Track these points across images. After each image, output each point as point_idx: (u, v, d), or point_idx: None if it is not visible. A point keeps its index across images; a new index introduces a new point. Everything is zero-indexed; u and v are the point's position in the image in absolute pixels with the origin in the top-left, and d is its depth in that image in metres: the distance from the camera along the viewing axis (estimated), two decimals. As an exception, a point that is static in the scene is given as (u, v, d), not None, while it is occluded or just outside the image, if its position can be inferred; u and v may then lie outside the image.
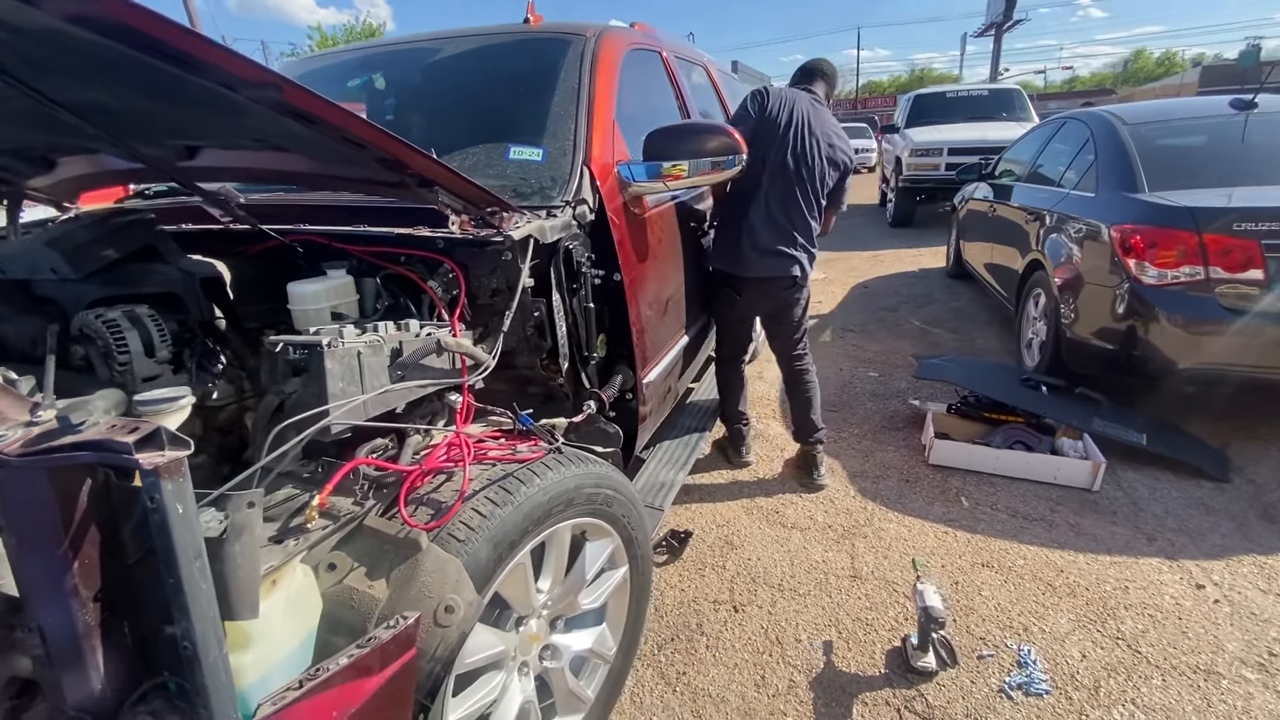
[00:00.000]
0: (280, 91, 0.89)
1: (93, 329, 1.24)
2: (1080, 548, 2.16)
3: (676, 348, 2.16)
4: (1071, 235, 3.14)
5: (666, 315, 2.08)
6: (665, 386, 2.10)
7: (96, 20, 0.74)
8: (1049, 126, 4.32)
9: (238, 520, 0.82)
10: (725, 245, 2.38)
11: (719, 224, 2.45)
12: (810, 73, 2.48)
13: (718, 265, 2.42)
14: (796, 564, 2.14)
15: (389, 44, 2.27)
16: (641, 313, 1.80)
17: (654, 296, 1.94)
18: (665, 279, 2.07)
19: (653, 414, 2.01)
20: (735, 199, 2.34)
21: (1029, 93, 9.74)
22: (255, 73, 0.86)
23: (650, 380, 1.88)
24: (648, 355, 1.87)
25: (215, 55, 0.81)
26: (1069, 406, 2.83)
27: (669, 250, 2.12)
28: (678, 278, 2.21)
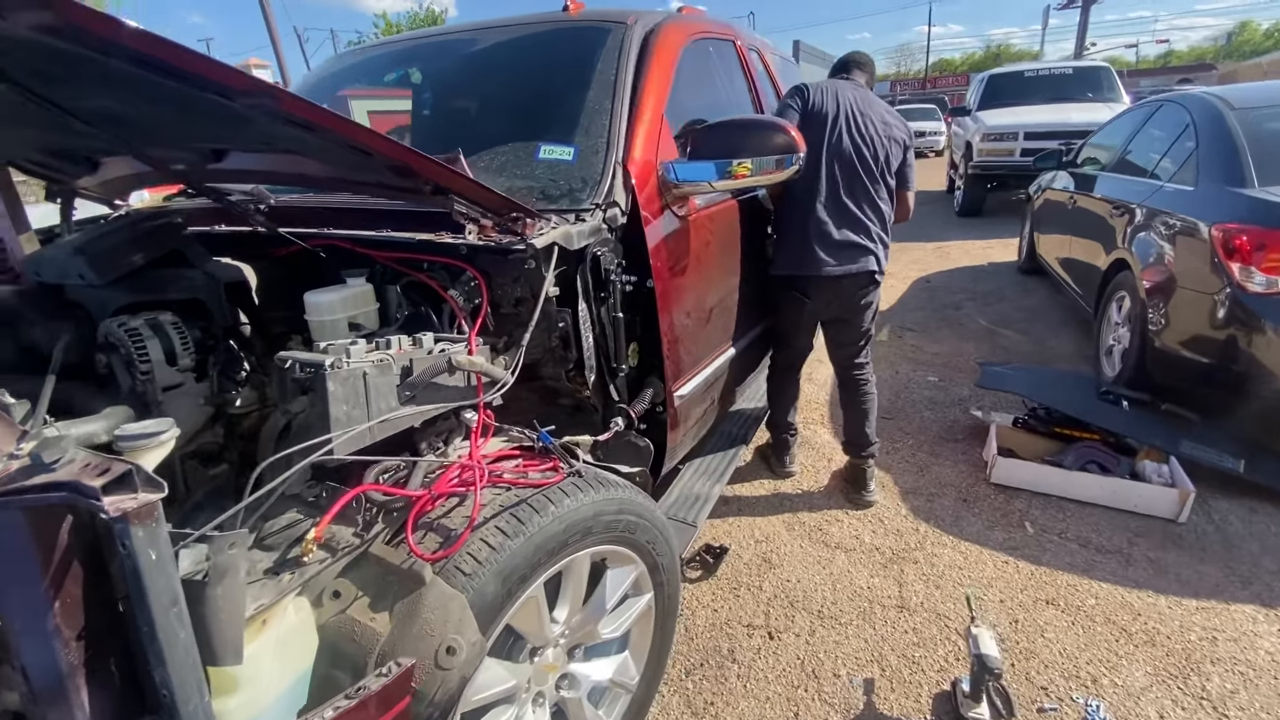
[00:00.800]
0: (275, 101, 0.83)
1: (115, 337, 1.23)
2: (1161, 588, 1.95)
3: (720, 360, 2.02)
4: (1164, 233, 2.83)
5: (709, 325, 1.95)
6: (704, 402, 1.97)
7: (65, 29, 0.69)
8: (1142, 110, 3.93)
9: (220, 563, 0.78)
10: (790, 245, 2.21)
11: (780, 226, 2.28)
12: (845, 64, 2.41)
13: (782, 269, 2.24)
14: (839, 589, 2.01)
15: (428, 35, 2.21)
16: (675, 322, 1.69)
17: (693, 305, 1.82)
18: (709, 286, 1.93)
19: (687, 433, 1.89)
20: (795, 197, 2.19)
21: (1118, 69, 8.98)
22: (247, 83, 0.80)
23: (684, 394, 1.77)
24: (681, 368, 1.76)
25: (201, 66, 0.76)
26: (1153, 425, 2.56)
27: (717, 255, 1.98)
28: (726, 285, 2.07)
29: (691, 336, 1.83)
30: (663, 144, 1.72)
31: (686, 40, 2.00)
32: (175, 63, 0.74)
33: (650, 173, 1.63)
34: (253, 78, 0.79)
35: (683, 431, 1.85)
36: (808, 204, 2.16)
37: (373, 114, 3.48)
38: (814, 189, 2.14)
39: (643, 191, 1.58)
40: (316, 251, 1.44)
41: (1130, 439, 2.53)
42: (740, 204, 2.11)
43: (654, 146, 1.67)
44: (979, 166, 7.58)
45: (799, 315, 2.31)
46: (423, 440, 1.22)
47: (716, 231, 1.96)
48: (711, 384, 1.97)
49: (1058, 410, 2.69)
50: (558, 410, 1.70)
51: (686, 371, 1.81)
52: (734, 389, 2.36)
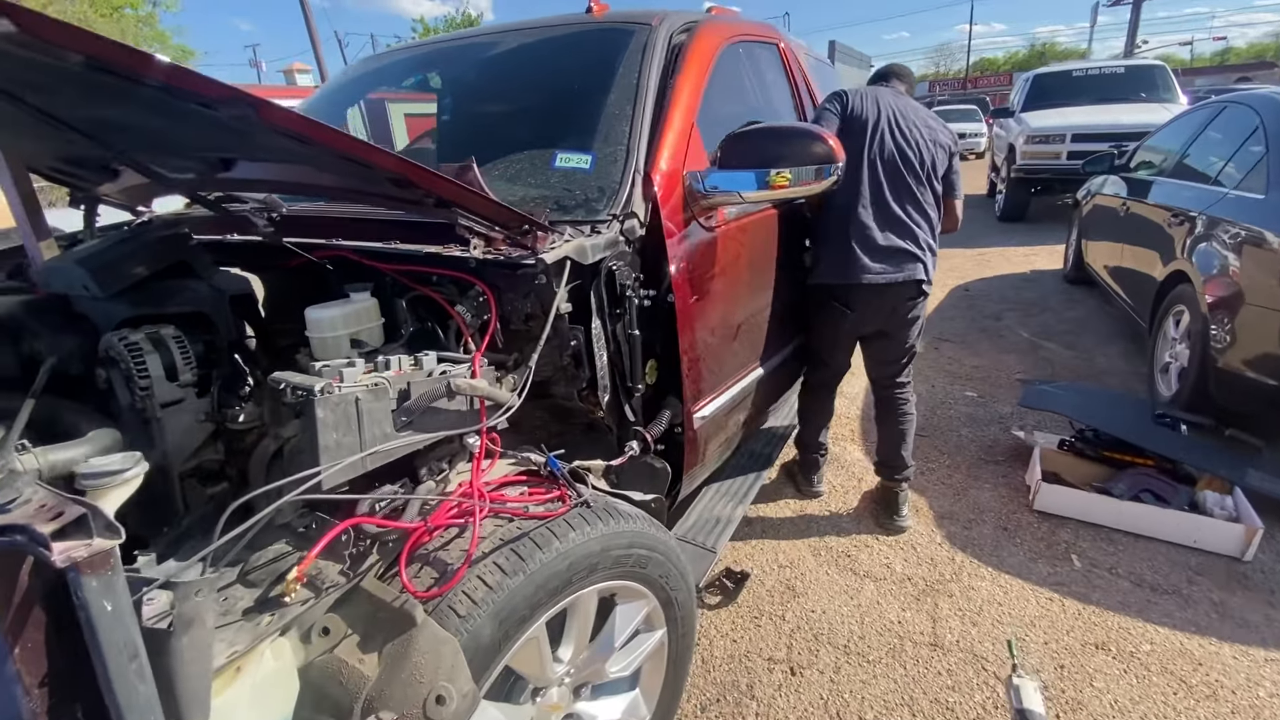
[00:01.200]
0: (256, 111, 0.78)
1: (115, 351, 1.20)
2: (1226, 635, 1.78)
3: (747, 380, 1.91)
4: (1229, 243, 2.63)
5: (736, 343, 1.84)
6: (728, 425, 1.86)
7: (29, 42, 0.65)
8: (1203, 111, 3.69)
9: (185, 612, 0.72)
10: (831, 253, 2.08)
11: (819, 232, 2.15)
12: (885, 74, 2.34)
13: (823, 279, 2.11)
14: (867, 622, 1.89)
15: (449, 40, 2.16)
16: (697, 340, 1.60)
17: (719, 322, 1.72)
18: (737, 302, 1.82)
19: (708, 457, 1.79)
20: (836, 204, 2.07)
21: (1175, 67, 8.56)
22: (224, 92, 0.74)
23: (706, 415, 1.67)
24: (703, 388, 1.66)
25: (172, 75, 0.70)
26: (1216, 452, 2.37)
27: (748, 270, 1.87)
28: (757, 301, 1.95)
29: (715, 355, 1.73)
30: (693, 152, 1.63)
31: (723, 43, 1.90)
32: (143, 71, 0.69)
33: (676, 182, 1.54)
34: (229, 87, 0.73)
35: (703, 455, 1.75)
36: (849, 208, 2.04)
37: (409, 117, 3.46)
38: (856, 192, 2.03)
39: (667, 202, 1.50)
40: (323, 263, 1.39)
41: (1190, 466, 2.34)
42: (779, 215, 1.99)
43: (682, 155, 1.58)
44: (1022, 170, 7.29)
45: (838, 329, 2.17)
46: (423, 465, 1.16)
47: (748, 244, 1.85)
48: (736, 405, 1.86)
49: (1107, 433, 2.52)
50: (572, 429, 1.63)
51: (709, 392, 1.71)
52: (763, 411, 2.24)
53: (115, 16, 12.71)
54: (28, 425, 1.08)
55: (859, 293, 2.07)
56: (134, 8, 13.84)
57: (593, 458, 1.59)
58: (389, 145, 2.71)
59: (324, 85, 2.40)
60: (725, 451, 1.97)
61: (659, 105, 1.62)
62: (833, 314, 2.14)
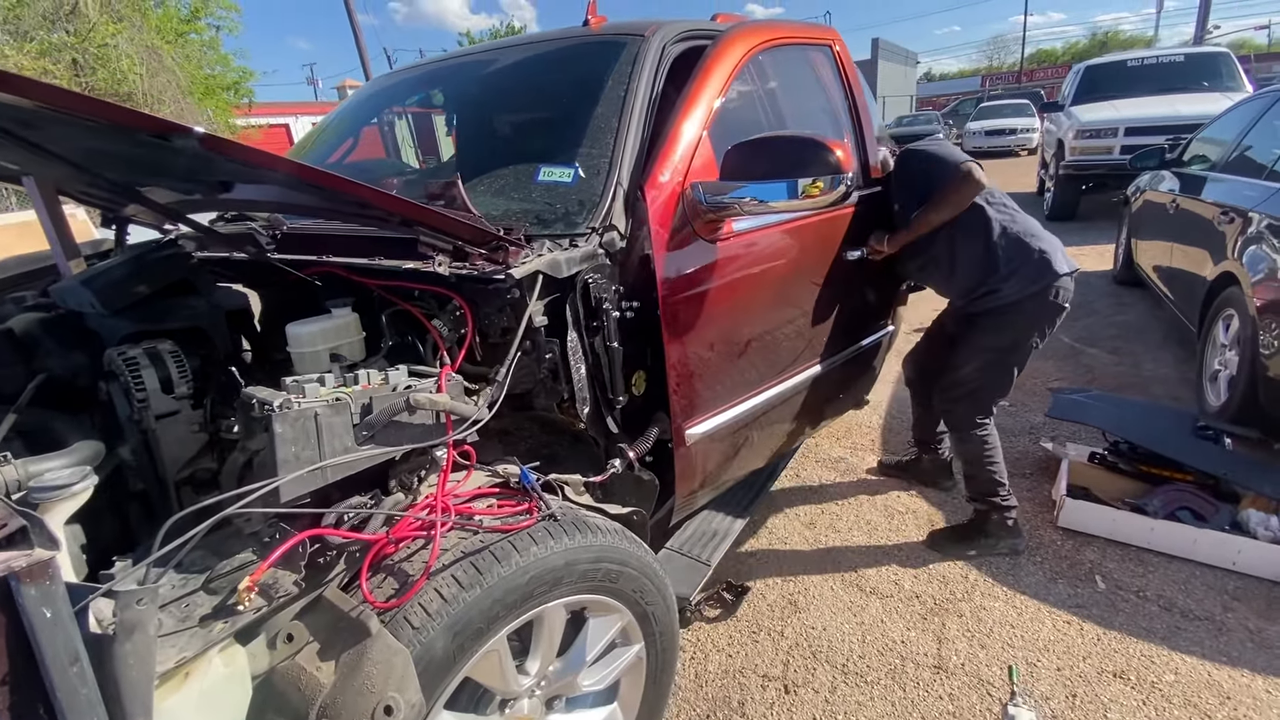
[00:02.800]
0: (200, 142, 0.81)
1: (115, 365, 1.27)
2: (1260, 666, 1.65)
3: (758, 399, 1.83)
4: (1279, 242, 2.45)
5: (743, 360, 1.77)
6: (730, 446, 1.80)
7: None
8: (1259, 101, 3.45)
9: (128, 619, 0.76)
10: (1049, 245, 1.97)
11: (1000, 245, 1.97)
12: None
13: (1060, 268, 1.94)
14: (869, 641, 1.83)
15: (453, 57, 2.21)
16: (689, 355, 1.57)
17: (718, 337, 1.66)
18: (744, 318, 1.75)
19: (705, 479, 1.74)
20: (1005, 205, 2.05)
21: (1249, 53, 8.05)
22: (165, 126, 0.78)
23: (700, 433, 1.64)
24: (696, 404, 1.63)
25: (111, 114, 0.75)
26: (1261, 468, 2.21)
27: (762, 284, 1.79)
28: (773, 317, 1.86)
29: (714, 371, 1.68)
30: (704, 165, 1.60)
31: (751, 51, 1.83)
32: (81, 110, 0.73)
33: (674, 196, 1.52)
34: (169, 121, 0.77)
35: (700, 474, 1.71)
36: (1011, 218, 2.01)
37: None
38: (1003, 202, 2.05)
39: (659, 216, 1.47)
40: (311, 279, 1.45)
41: (1232, 483, 2.19)
42: (809, 228, 1.89)
43: (684, 168, 1.55)
44: (1072, 166, 6.96)
45: (1044, 337, 2.03)
46: (394, 477, 1.18)
47: (762, 259, 1.77)
48: (745, 425, 1.80)
49: (1143, 446, 2.37)
50: (560, 441, 1.64)
51: (704, 409, 1.67)
52: (791, 434, 2.14)
53: (180, 42, 13.48)
54: (23, 435, 1.16)
55: (1068, 285, 1.97)
56: (199, 33, 14.64)
57: (579, 469, 1.60)
58: (437, 156, 2.77)
59: (338, 107, 2.49)
60: (730, 474, 1.92)
61: (653, 118, 1.60)
62: (1046, 319, 1.99)
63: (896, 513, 2.42)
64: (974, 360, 2.06)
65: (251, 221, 1.68)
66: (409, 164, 2.68)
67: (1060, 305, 1.97)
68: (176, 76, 12.56)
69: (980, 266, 2.00)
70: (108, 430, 1.31)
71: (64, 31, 11.35)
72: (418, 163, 2.75)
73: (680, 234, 1.53)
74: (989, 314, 2.02)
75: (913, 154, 2.13)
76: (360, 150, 2.25)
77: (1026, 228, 1.99)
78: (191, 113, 13.06)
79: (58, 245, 1.67)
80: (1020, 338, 2.01)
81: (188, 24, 14.09)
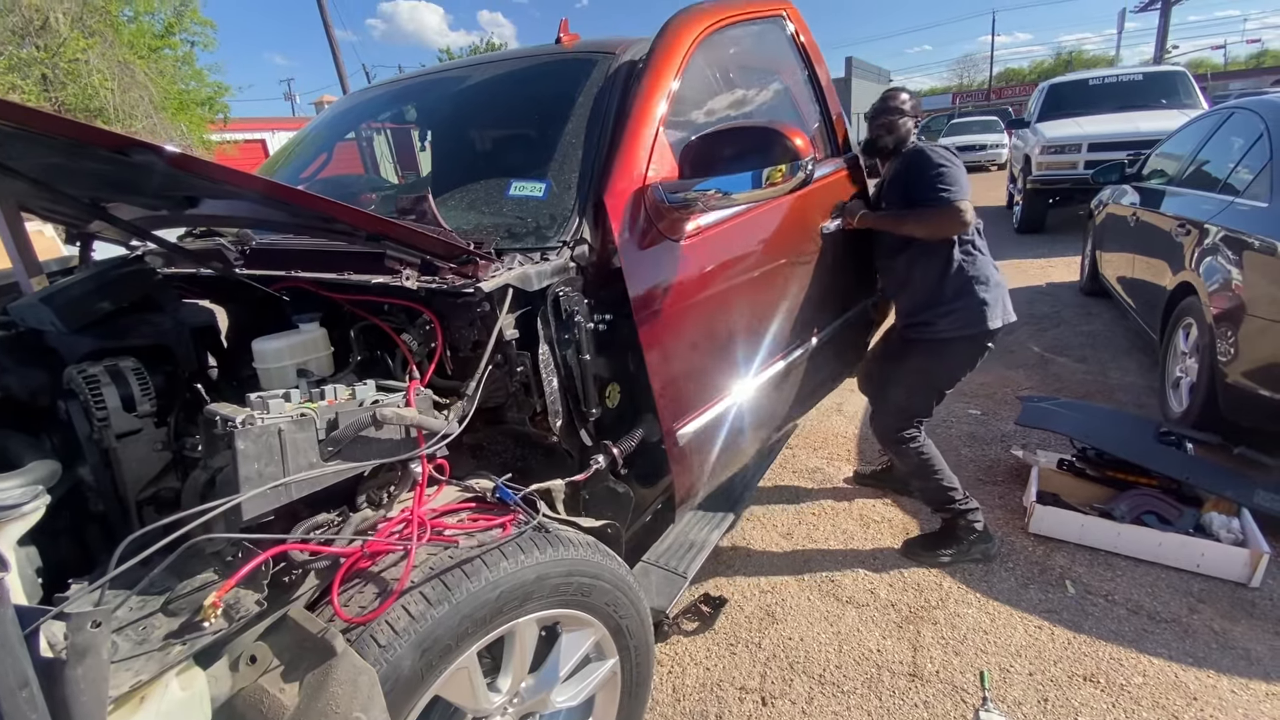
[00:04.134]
0: (160, 157, 0.81)
1: (75, 384, 1.24)
2: (1225, 667, 1.69)
3: (749, 388, 1.81)
4: (1234, 254, 2.53)
5: (728, 353, 1.75)
6: (726, 439, 1.76)
7: None
8: (1211, 119, 3.59)
9: (80, 642, 0.74)
10: (996, 297, 2.05)
11: (970, 282, 2.04)
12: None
13: (992, 324, 2.03)
14: (845, 651, 1.84)
15: (425, 73, 2.22)
16: (671, 356, 1.55)
17: (700, 334, 1.64)
18: (722, 310, 1.72)
19: (703, 474, 1.72)
20: (978, 249, 2.09)
21: (1206, 71, 8.37)
22: (123, 142, 0.78)
23: (690, 432, 1.61)
24: (685, 405, 1.61)
25: (70, 130, 0.74)
26: (1223, 471, 2.27)
27: (741, 274, 1.77)
28: (756, 304, 1.84)
29: (699, 368, 1.66)
30: (662, 163, 1.57)
31: (698, 35, 1.74)
32: (41, 127, 0.73)
33: (635, 199, 1.50)
34: (129, 138, 0.77)
35: (698, 471, 1.69)
36: (984, 251, 2.10)
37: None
38: (979, 234, 2.11)
39: (623, 221, 1.46)
40: (279, 294, 1.43)
41: (1195, 487, 2.24)
42: (783, 210, 1.88)
43: (642, 169, 1.53)
44: (1038, 181, 7.16)
45: (969, 371, 2.16)
46: (363, 492, 1.17)
47: (737, 246, 1.75)
48: (736, 415, 1.77)
49: (1109, 452, 2.42)
50: (533, 454, 1.63)
51: (693, 407, 1.64)
52: (787, 413, 2.11)
53: (154, 57, 13.34)
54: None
55: (1001, 330, 2.08)
56: (173, 48, 14.51)
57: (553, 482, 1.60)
58: (416, 171, 2.74)
59: (310, 123, 2.48)
60: (731, 465, 1.89)
61: (616, 128, 1.60)
62: (976, 357, 2.12)
63: (872, 521, 2.44)
64: (903, 380, 2.17)
65: (220, 237, 1.67)
66: (387, 179, 2.67)
67: (987, 348, 2.11)
68: (149, 91, 12.42)
69: (926, 294, 2.09)
70: (68, 450, 1.28)
71: (34, 46, 11.19)
72: (396, 178, 2.75)
73: (647, 237, 1.51)
74: (923, 343, 2.12)
75: (925, 157, 2.03)
76: (339, 165, 2.25)
77: (980, 273, 2.06)
78: (164, 128, 12.91)
79: (19, 263, 1.64)
80: (948, 369, 2.14)
81: (161, 40, 13.97)
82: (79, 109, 11.82)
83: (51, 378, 1.35)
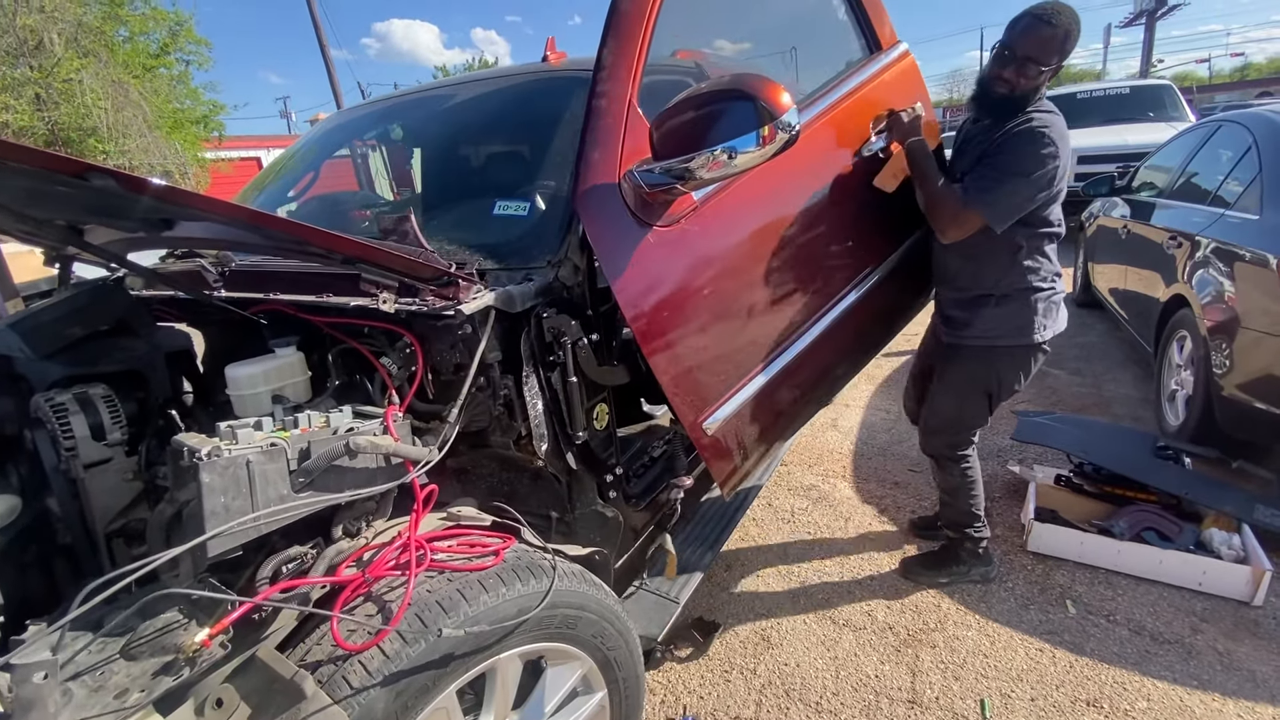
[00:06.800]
0: (118, 182, 0.78)
1: (41, 412, 1.20)
2: (1230, 690, 1.64)
3: (777, 361, 1.64)
4: (1227, 266, 2.53)
5: (745, 331, 1.58)
6: (765, 414, 1.63)
7: None
8: (1199, 131, 3.61)
9: (24, 695, 0.70)
10: (1056, 306, 1.87)
11: (1039, 282, 1.83)
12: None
13: (1045, 334, 1.85)
14: (843, 677, 1.79)
15: (412, 92, 2.21)
16: (679, 353, 1.43)
17: (711, 318, 1.49)
18: (732, 287, 1.54)
19: (750, 453, 1.62)
20: (1050, 245, 1.85)
21: (1192, 84, 8.48)
22: (80, 168, 0.75)
23: (719, 420, 1.50)
24: (706, 396, 1.50)
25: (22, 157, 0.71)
26: (1221, 486, 2.24)
27: (747, 242, 1.58)
28: (772, 266, 1.63)
29: (714, 357, 1.52)
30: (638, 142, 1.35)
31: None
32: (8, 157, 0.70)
33: (613, 193, 1.32)
34: (85, 163, 0.74)
35: (733, 459, 1.59)
36: (1050, 257, 1.84)
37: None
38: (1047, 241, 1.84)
39: (599, 220, 1.30)
40: (257, 317, 1.40)
41: (1194, 502, 2.21)
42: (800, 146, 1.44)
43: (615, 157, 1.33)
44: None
45: (1027, 375, 1.94)
46: (339, 523, 1.13)
47: (741, 215, 1.55)
48: (769, 391, 1.63)
49: (1107, 467, 2.39)
50: (519, 478, 1.59)
51: (717, 396, 1.52)
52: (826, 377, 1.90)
53: (148, 76, 13.37)
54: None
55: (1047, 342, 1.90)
56: (168, 67, 14.55)
57: (539, 506, 1.56)
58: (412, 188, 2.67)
59: (298, 141, 2.46)
60: (779, 439, 1.76)
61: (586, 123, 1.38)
62: (1024, 367, 1.91)
63: (869, 540, 2.39)
64: (950, 388, 1.99)
65: (200, 258, 1.64)
66: (382, 195, 2.64)
67: (1038, 357, 1.91)
68: (143, 110, 12.42)
69: (972, 292, 1.86)
70: (35, 481, 1.24)
71: (28, 67, 11.20)
72: (392, 194, 2.72)
73: (629, 230, 1.33)
74: (964, 348, 1.92)
75: (1026, 146, 1.66)
76: (333, 182, 2.22)
77: (1035, 282, 1.82)
78: (158, 146, 12.90)
79: (-7, 286, 1.61)
80: (997, 375, 1.91)
81: (157, 59, 14.00)
82: (72, 128, 11.82)
83: (19, 406, 1.31)
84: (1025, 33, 1.65)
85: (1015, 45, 1.66)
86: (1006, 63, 1.68)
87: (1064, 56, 1.67)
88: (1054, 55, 1.65)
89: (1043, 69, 1.65)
